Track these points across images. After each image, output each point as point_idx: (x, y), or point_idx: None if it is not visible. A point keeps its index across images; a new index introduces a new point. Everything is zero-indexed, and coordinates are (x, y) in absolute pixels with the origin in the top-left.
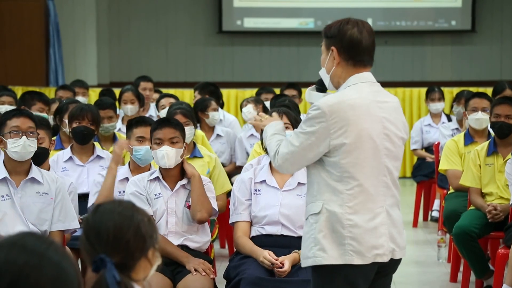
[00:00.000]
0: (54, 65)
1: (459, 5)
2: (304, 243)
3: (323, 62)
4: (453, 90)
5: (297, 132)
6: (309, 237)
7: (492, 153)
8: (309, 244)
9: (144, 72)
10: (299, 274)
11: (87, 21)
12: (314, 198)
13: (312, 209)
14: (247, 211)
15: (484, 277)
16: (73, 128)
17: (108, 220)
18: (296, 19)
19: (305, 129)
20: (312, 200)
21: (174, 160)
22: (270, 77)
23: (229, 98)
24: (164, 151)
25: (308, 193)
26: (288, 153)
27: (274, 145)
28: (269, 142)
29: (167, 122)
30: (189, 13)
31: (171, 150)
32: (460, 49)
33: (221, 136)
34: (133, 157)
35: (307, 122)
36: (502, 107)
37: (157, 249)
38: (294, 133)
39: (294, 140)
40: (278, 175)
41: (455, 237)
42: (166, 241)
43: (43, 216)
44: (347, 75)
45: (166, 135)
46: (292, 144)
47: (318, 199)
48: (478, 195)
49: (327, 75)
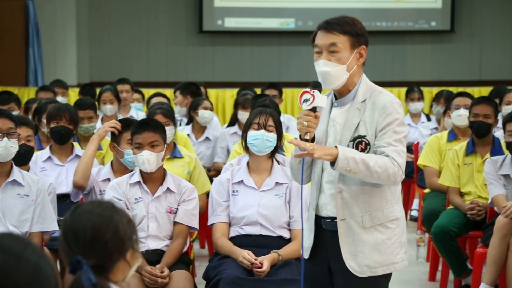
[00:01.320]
0: (33, 65)
1: (439, 6)
2: (385, 251)
3: (343, 59)
4: (433, 90)
5: (400, 139)
6: (393, 243)
7: (471, 152)
8: (394, 250)
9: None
10: (278, 273)
11: (67, 21)
12: (389, 203)
13: (392, 214)
14: (225, 212)
15: (462, 276)
16: (51, 128)
17: (86, 221)
18: (277, 19)
19: (403, 131)
20: (386, 205)
21: (155, 164)
22: (251, 77)
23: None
24: (144, 157)
25: (377, 197)
26: (404, 161)
27: (381, 163)
28: (370, 165)
29: (146, 125)
30: (169, 13)
31: (151, 155)
32: (440, 49)
33: (210, 140)
34: (124, 161)
35: (401, 126)
36: (480, 107)
37: (137, 250)
38: (398, 140)
39: (402, 147)
40: (256, 175)
41: (434, 236)
42: None
43: (24, 217)
44: (359, 74)
45: (146, 139)
46: (404, 152)
47: (393, 203)
48: (456, 195)
49: (346, 73)
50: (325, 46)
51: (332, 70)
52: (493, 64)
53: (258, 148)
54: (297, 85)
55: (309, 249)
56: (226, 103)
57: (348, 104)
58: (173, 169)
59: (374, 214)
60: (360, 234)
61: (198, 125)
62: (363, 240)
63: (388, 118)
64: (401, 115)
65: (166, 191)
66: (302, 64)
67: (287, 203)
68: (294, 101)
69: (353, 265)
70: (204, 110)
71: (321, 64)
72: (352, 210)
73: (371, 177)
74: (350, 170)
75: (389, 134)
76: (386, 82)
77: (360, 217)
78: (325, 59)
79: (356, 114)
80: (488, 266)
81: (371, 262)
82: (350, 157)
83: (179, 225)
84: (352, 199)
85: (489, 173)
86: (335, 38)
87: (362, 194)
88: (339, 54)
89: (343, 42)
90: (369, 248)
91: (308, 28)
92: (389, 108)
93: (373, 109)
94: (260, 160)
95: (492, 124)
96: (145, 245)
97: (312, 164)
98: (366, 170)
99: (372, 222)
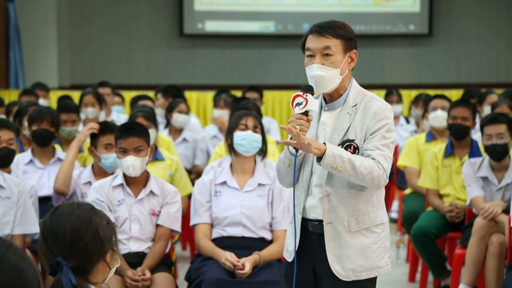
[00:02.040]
0: (14, 67)
1: (417, 10)
2: (370, 255)
3: (337, 63)
4: (412, 93)
5: (388, 144)
6: (378, 247)
7: (449, 154)
8: (379, 254)
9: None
10: (260, 275)
11: (47, 24)
12: (375, 207)
13: (377, 219)
14: (207, 213)
15: (441, 277)
16: (33, 131)
17: (65, 223)
18: (257, 23)
19: (391, 137)
20: (372, 210)
21: (140, 169)
22: (231, 80)
23: (190, 101)
24: (129, 162)
25: (363, 202)
26: (390, 167)
27: (367, 164)
28: (356, 165)
29: (131, 130)
30: (150, 16)
31: (136, 160)
32: (418, 53)
33: (188, 141)
34: (102, 165)
35: (390, 132)
36: (459, 110)
37: (117, 252)
38: (385, 145)
39: (389, 152)
40: (239, 176)
41: (414, 237)
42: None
43: (6, 220)
44: (349, 78)
45: (131, 144)
46: (390, 157)
47: (379, 208)
48: (435, 196)
49: (339, 77)
50: (318, 49)
51: (327, 74)
52: (470, 68)
53: (246, 148)
54: (278, 87)
55: (293, 252)
56: (207, 105)
57: (338, 108)
58: (155, 172)
59: (360, 218)
60: (346, 238)
61: (174, 127)
62: (348, 244)
63: (379, 123)
64: (391, 120)
65: (149, 194)
66: (282, 67)
67: (269, 204)
68: (275, 103)
69: (338, 269)
70: (179, 114)
71: (315, 68)
72: (339, 214)
73: (355, 177)
74: (335, 168)
75: (377, 138)
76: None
77: (346, 220)
78: (319, 63)
79: (346, 118)
80: (467, 267)
81: (356, 266)
82: (337, 155)
83: (161, 228)
84: (339, 202)
85: (467, 175)
86: (328, 41)
87: (349, 198)
88: (333, 57)
89: (337, 46)
90: (354, 252)
91: (288, 32)
92: (380, 114)
93: (364, 114)
94: (245, 161)
95: (470, 127)
96: (127, 247)
97: (301, 167)
98: (351, 169)
99: (358, 226)
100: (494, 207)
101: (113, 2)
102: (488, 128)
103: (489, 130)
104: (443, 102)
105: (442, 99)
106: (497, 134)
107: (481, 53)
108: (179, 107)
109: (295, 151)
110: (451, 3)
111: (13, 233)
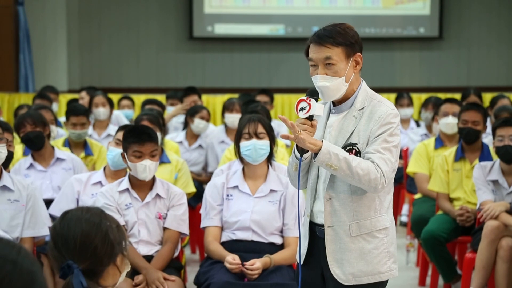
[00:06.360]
0: (24, 70)
1: (427, 12)
2: (371, 260)
3: (340, 72)
4: (422, 96)
5: (389, 147)
6: (380, 252)
7: (460, 158)
8: (382, 259)
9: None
10: (269, 278)
11: (57, 27)
12: (377, 212)
13: (379, 224)
14: (218, 216)
15: (452, 281)
16: (21, 138)
17: (75, 227)
18: (266, 26)
19: (393, 140)
20: (374, 215)
21: (154, 172)
22: (240, 83)
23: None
24: (146, 165)
25: (365, 207)
26: (390, 171)
27: (364, 166)
28: (352, 165)
29: (146, 136)
30: (160, 19)
31: (153, 164)
32: (428, 56)
33: (203, 148)
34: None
35: (393, 136)
36: (470, 113)
37: (126, 256)
38: (386, 149)
39: (390, 156)
40: (251, 181)
41: (424, 241)
42: (130, 249)
43: (15, 223)
44: (358, 81)
45: (147, 149)
46: (391, 161)
47: (382, 213)
48: (446, 200)
49: (345, 84)
50: (320, 60)
51: (331, 84)
52: (480, 70)
53: (253, 158)
54: (287, 91)
55: (304, 255)
56: (216, 109)
57: (345, 111)
58: (161, 174)
59: (361, 223)
60: (346, 242)
61: (191, 131)
62: (349, 249)
63: (382, 128)
64: (395, 125)
65: (156, 197)
66: (291, 70)
67: (280, 210)
68: (285, 107)
69: (338, 273)
70: (200, 120)
71: (319, 79)
72: (340, 218)
73: (351, 177)
74: (330, 165)
75: (379, 142)
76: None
77: (347, 225)
78: (322, 73)
79: (352, 122)
80: (477, 271)
81: (356, 271)
82: (333, 153)
83: (168, 231)
84: (341, 206)
85: (477, 179)
86: (329, 51)
87: (351, 202)
88: (335, 67)
89: (338, 54)
90: (354, 256)
91: (298, 35)
92: (384, 118)
93: (369, 118)
94: (256, 167)
95: (481, 131)
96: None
97: (308, 171)
98: (347, 169)
99: (359, 231)
100: (495, 207)
101: (123, 5)
102: (501, 130)
103: (501, 132)
104: (454, 107)
105: (453, 104)
106: (509, 136)
107: (491, 57)
108: (201, 113)
109: (300, 155)
110: (462, 6)
111: (22, 236)
